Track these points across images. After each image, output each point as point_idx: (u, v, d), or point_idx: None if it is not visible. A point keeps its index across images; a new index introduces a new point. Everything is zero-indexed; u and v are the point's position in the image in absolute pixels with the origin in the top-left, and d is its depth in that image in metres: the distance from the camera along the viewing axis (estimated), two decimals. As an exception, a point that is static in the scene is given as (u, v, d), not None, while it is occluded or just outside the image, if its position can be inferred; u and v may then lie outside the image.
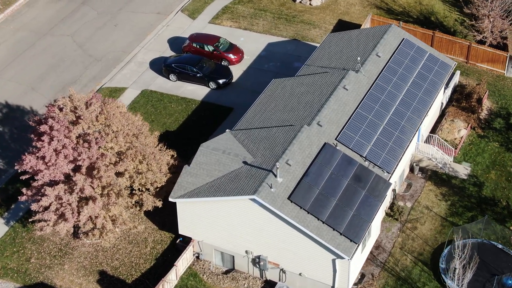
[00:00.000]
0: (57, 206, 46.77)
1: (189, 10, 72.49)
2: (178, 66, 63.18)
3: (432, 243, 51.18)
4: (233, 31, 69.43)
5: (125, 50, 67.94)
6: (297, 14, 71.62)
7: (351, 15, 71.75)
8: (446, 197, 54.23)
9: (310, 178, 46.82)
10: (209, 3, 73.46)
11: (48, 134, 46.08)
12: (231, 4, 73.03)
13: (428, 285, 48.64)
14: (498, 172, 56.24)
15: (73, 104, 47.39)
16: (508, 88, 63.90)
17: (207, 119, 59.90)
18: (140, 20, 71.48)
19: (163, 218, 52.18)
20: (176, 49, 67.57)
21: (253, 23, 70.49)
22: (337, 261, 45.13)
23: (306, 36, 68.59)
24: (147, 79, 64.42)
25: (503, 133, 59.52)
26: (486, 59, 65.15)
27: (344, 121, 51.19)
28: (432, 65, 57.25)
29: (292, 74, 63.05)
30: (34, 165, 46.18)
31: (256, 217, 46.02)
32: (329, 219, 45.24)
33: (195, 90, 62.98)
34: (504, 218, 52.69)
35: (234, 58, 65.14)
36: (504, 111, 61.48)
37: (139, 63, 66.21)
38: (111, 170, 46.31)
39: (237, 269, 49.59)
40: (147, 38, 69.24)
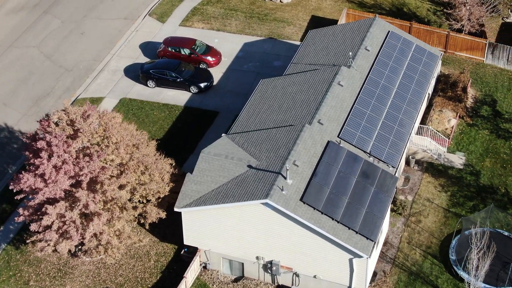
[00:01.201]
0: (59, 225, 45.74)
1: (157, 14, 71.80)
2: (156, 72, 62.50)
3: (438, 235, 51.81)
4: (206, 33, 69.05)
5: (96, 59, 66.90)
6: (269, 12, 71.66)
7: (323, 10, 72.14)
8: (446, 188, 54.97)
9: (319, 178, 46.89)
10: (176, 5, 72.92)
11: (46, 150, 45.02)
12: (199, 6, 72.63)
13: (441, 278, 49.22)
14: (493, 159, 57.28)
15: (68, 117, 46.40)
16: (489, 75, 65.15)
17: (193, 125, 59.43)
18: (107, 27, 70.48)
19: (163, 230, 51.56)
20: (150, 54, 66.85)
21: (225, 23, 70.24)
22: (354, 260, 45.29)
23: (281, 34, 68.67)
24: (123, 87, 63.56)
25: (491, 120, 60.66)
26: (465, 48, 66.29)
27: (344, 117, 51.43)
28: (420, 56, 57.99)
29: (273, 74, 63.18)
30: (32, 184, 45.06)
31: (268, 221, 45.85)
32: (343, 218, 45.38)
33: (176, 95, 62.41)
34: (505, 205, 53.68)
35: (213, 60, 64.80)
36: (489, 98, 62.66)
37: (113, 71, 65.27)
38: (115, 183, 45.53)
39: (247, 276, 49.34)
40: (117, 45, 68.32)
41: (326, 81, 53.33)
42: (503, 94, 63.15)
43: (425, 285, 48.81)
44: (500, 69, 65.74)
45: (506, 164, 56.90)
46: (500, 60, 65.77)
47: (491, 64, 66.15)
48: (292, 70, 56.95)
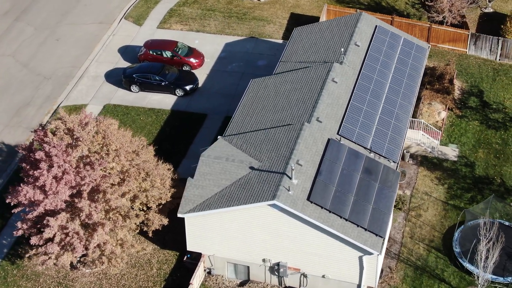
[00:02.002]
0: (62, 237, 45.17)
1: (133, 17, 71.28)
2: (140, 76, 62.05)
3: (439, 228, 52.38)
4: (185, 35, 68.78)
5: (75, 65, 66.17)
6: (247, 11, 71.66)
7: (302, 7, 72.40)
8: (442, 181, 55.60)
9: (324, 176, 47.05)
10: (152, 8, 72.50)
11: (45, 160, 44.40)
12: (176, 7, 72.32)
13: (447, 271, 49.77)
14: (485, 150, 58.10)
15: (66, 126, 45.82)
16: (473, 66, 66.07)
17: (182, 128, 59.15)
18: (83, 32, 69.75)
19: (162, 237, 51.21)
20: (130, 58, 66.34)
21: (204, 24, 70.06)
22: (364, 257, 45.53)
23: (262, 33, 68.74)
24: (106, 93, 62.97)
25: (480, 111, 61.53)
26: (447, 39, 67.12)
27: (341, 114, 51.69)
28: (409, 50, 58.56)
29: (258, 73, 63.25)
30: (31, 196, 44.41)
31: (275, 223, 45.86)
32: (351, 216, 45.60)
33: (161, 99, 62.05)
34: (503, 195, 54.48)
35: (196, 62, 64.58)
36: (476, 89, 63.53)
37: (93, 77, 64.62)
38: (117, 191, 45.12)
39: (252, 279, 49.28)
40: (95, 50, 67.66)
41: (319, 78, 53.51)
42: (489, 85, 64.10)
43: (432, 279, 49.30)
44: (483, 59, 66.69)
45: (499, 154, 57.76)
46: (483, 50, 66.73)
47: (474, 55, 67.10)
48: (282, 69, 57.02)
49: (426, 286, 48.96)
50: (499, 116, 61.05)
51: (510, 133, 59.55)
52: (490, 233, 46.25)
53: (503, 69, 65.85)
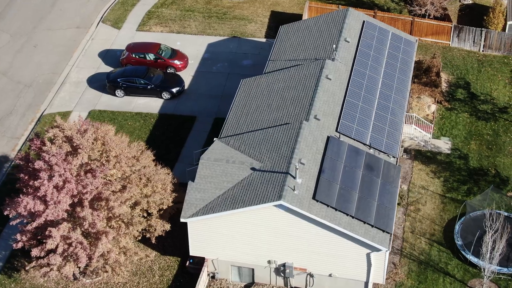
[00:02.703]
0: (64, 247, 44.67)
1: (111, 20, 70.74)
2: (124, 80, 61.60)
3: (439, 221, 52.90)
4: (166, 36, 68.48)
5: (55, 71, 65.47)
6: (227, 11, 71.59)
7: (282, 5, 72.54)
8: (438, 174, 56.16)
9: (327, 174, 47.22)
10: (129, 10, 72.02)
11: (45, 170, 43.87)
12: (154, 8, 71.95)
13: (450, 264, 50.29)
14: (477, 141, 58.82)
15: (63, 134, 45.32)
16: (458, 58, 66.85)
17: (172, 132, 58.88)
18: (60, 37, 69.03)
19: (161, 242, 50.89)
20: (111, 62, 65.82)
21: (184, 25, 69.82)
22: (372, 254, 45.79)
23: (244, 32, 68.73)
24: (90, 98, 62.39)
25: (469, 103, 62.28)
26: (430, 32, 67.81)
27: (338, 111, 51.92)
28: (398, 44, 59.04)
29: (244, 73, 63.30)
30: (32, 207, 43.85)
31: (280, 223, 45.87)
32: (357, 213, 45.83)
33: (147, 103, 61.69)
34: (498, 185, 55.20)
35: (180, 64, 64.33)
36: (462, 81, 64.30)
37: (75, 83, 64.01)
38: (120, 198, 44.77)
39: (257, 282, 49.26)
40: (74, 56, 67.03)
41: (313, 75, 53.66)
42: (475, 76, 64.90)
43: (436, 273, 49.77)
44: (467, 51, 67.52)
45: (491, 145, 58.51)
46: (466, 42, 67.55)
47: (457, 47, 67.89)
48: (272, 68, 57.07)
49: (431, 280, 49.38)
50: (488, 107, 61.84)
51: (500, 124, 60.37)
52: (496, 224, 46.74)
53: (487, 60, 66.72)
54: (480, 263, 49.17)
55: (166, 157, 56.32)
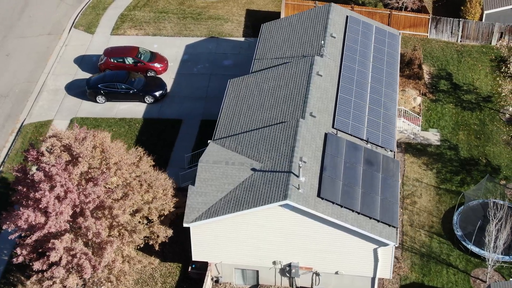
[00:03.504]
0: (68, 259, 44.06)
1: (83, 25, 69.94)
2: (105, 86, 60.96)
3: (436, 213, 53.48)
4: (142, 40, 67.97)
5: (31, 80, 64.51)
6: (202, 11, 71.35)
7: (256, 3, 72.57)
8: (430, 166, 56.77)
9: (329, 171, 47.40)
10: (101, 14, 71.30)
11: (44, 181, 43.22)
12: (126, 11, 71.35)
13: (452, 255, 50.89)
14: (465, 131, 59.62)
15: (61, 143, 44.69)
16: (437, 50, 67.66)
17: (159, 136, 58.47)
18: (32, 45, 68.02)
19: (161, 249, 50.41)
20: (88, 68, 65.07)
21: (159, 27, 69.38)
22: (379, 249, 46.10)
23: (222, 32, 68.59)
24: (70, 106, 61.63)
25: (452, 93, 63.10)
26: (408, 25, 68.49)
27: (332, 107, 52.14)
28: (382, 38, 59.52)
29: (226, 73, 63.27)
30: (33, 219, 43.16)
31: (286, 223, 45.91)
32: (363, 209, 46.09)
33: (130, 108, 61.17)
34: (490, 174, 55.99)
35: (161, 67, 63.92)
36: (444, 72, 65.10)
37: (53, 91, 63.15)
38: (123, 206, 44.35)
39: (262, 284, 49.21)
40: (49, 63, 66.13)
41: (303, 72, 53.78)
42: (456, 67, 65.75)
43: (439, 264, 50.32)
44: (445, 42, 68.36)
45: (479, 135, 59.35)
46: (444, 33, 68.38)
47: (435, 39, 68.69)
48: (259, 67, 57.05)
49: (434, 272, 49.92)
50: (472, 97, 62.71)
51: (486, 113, 61.26)
52: (500, 213, 47.43)
53: (466, 50, 67.63)
54: (482, 252, 49.86)
55: (156, 162, 55.69)
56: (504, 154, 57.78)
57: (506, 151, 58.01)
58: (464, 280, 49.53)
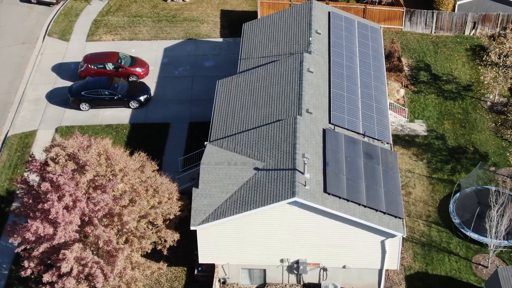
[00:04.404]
0: (79, 269, 43.60)
1: (57, 33, 69.10)
2: (89, 93, 60.36)
3: (432, 203, 54.27)
4: (118, 45, 67.45)
5: (10, 91, 63.55)
6: (176, 13, 71.12)
7: (230, 3, 72.61)
8: (420, 157, 57.56)
9: (332, 166, 47.75)
10: (74, 21, 70.53)
11: (51, 191, 42.70)
12: (99, 17, 70.70)
13: (452, 243, 51.72)
14: (450, 121, 60.59)
15: (66, 152, 44.18)
16: (413, 42, 68.59)
17: (148, 141, 58.11)
18: (7, 54, 67.00)
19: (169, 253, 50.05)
20: (67, 76, 64.33)
21: (135, 31, 68.95)
22: (387, 241, 46.60)
23: (199, 34, 68.47)
24: (53, 115, 60.86)
25: (433, 84, 64.05)
26: (383, 18, 69.25)
27: (326, 103, 52.50)
28: (365, 32, 60.14)
29: (208, 74, 63.30)
30: (42, 231, 42.62)
31: (294, 220, 46.11)
32: (368, 202, 46.54)
33: (115, 114, 60.69)
34: (479, 162, 57.01)
35: (142, 71, 63.54)
36: (422, 63, 66.03)
37: (34, 101, 62.30)
38: (132, 212, 44.08)
39: (269, 282, 49.32)
40: (26, 72, 65.20)
41: (294, 70, 54.00)
42: (433, 58, 66.73)
43: (441, 253, 51.08)
44: (420, 34, 69.32)
45: (464, 123, 60.37)
46: (418, 25, 69.33)
47: (410, 31, 69.61)
48: (246, 66, 57.11)
49: (437, 260, 50.65)
50: (452, 87, 63.72)
51: (468, 102, 62.32)
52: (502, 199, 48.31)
53: (440, 41, 68.68)
54: (481, 238, 50.77)
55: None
56: (490, 141, 58.85)
57: (491, 138, 59.09)
58: (466, 266, 50.36)
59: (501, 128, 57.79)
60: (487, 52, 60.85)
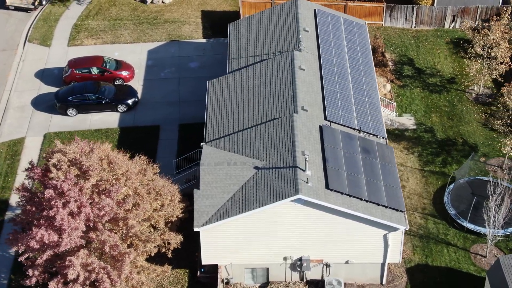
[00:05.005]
0: (85, 275, 43.25)
1: (37, 39, 68.38)
2: (76, 98, 59.84)
3: (426, 195, 54.77)
4: (101, 49, 66.96)
5: (-7, 99, 62.78)
6: (156, 15, 70.82)
7: (210, 4, 72.51)
8: (411, 150, 58.06)
9: (331, 163, 47.95)
10: (54, 26, 69.84)
11: (55, 198, 42.31)
12: (79, 21, 70.12)
13: (449, 234, 52.26)
14: (437, 114, 61.20)
15: (66, 157, 43.78)
16: (394, 37, 69.15)
17: (139, 144, 57.71)
18: (-12, 62, 66.23)
19: (165, 256, 49.88)
20: (51, 82, 63.66)
21: (117, 34, 68.50)
22: (389, 235, 46.92)
23: (182, 35, 68.28)
24: (40, 121, 60.24)
25: (418, 78, 64.65)
26: (363, 14, 69.68)
27: (320, 100, 52.71)
28: (351, 28, 60.48)
29: (194, 76, 63.24)
30: (47, 239, 42.20)
31: (297, 218, 46.20)
32: (370, 197, 46.82)
33: (103, 118, 60.26)
34: (469, 153, 57.67)
35: (128, 74, 63.18)
36: (405, 58, 66.61)
37: (20, 108, 61.60)
38: (137, 216, 43.85)
39: (272, 280, 49.35)
40: (9, 79, 64.42)
41: (286, 68, 54.10)
42: (415, 52, 67.35)
43: (439, 244, 51.57)
44: (400, 29, 69.92)
45: (451, 115, 61.02)
46: (398, 20, 69.93)
47: (391, 26, 70.18)
48: (235, 66, 57.06)
49: (436, 252, 51.13)
50: (436, 80, 64.37)
51: (453, 94, 63.01)
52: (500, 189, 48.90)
53: (421, 35, 69.33)
54: (477, 228, 51.38)
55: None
56: (478, 132, 59.55)
57: (479, 129, 59.81)
58: (465, 257, 50.90)
59: (491, 119, 58.43)
60: (472, 45, 61.49)
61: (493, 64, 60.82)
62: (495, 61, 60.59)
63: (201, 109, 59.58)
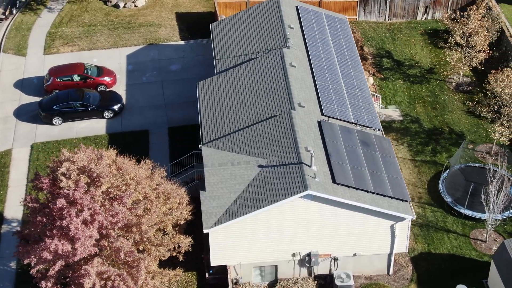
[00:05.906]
0: (101, 284, 42.77)
1: (12, 48, 67.23)
2: (61, 107, 59.02)
3: (420, 184, 55.47)
4: (78, 55, 66.17)
5: (-26, 111, 61.55)
6: (131, 20, 70.27)
7: (183, 5, 72.24)
8: (400, 141, 58.73)
9: (335, 157, 48.24)
10: (27, 35, 68.74)
11: (67, 207, 41.76)
12: (53, 29, 69.15)
13: (448, 221, 53.03)
14: (421, 104, 62.03)
15: (75, 165, 43.21)
16: (369, 31, 69.84)
17: (130, 150, 56.49)
18: (-37, 75, 64.86)
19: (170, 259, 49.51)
20: (32, 91, 62.62)
21: (93, 41, 67.75)
22: (396, 225, 47.41)
23: (159, 38, 67.87)
24: (25, 132, 59.27)
25: (398, 70, 65.43)
26: (338, 9, 70.19)
27: (314, 96, 52.97)
28: (334, 24, 60.91)
29: (177, 78, 63.01)
30: (61, 249, 41.61)
31: (305, 213, 46.37)
32: (375, 188, 47.24)
33: (90, 125, 59.55)
34: (457, 141, 58.61)
35: (110, 80, 62.53)
36: (383, 51, 67.34)
37: (2, 119, 60.48)
38: (150, 221, 43.53)
39: (280, 278, 49.43)
40: (-13, 91, 63.28)
41: (277, 65, 54.21)
42: (392, 45, 68.14)
43: (439, 232, 52.29)
44: (374, 22, 70.67)
45: (435, 105, 61.91)
46: (372, 14, 70.66)
47: (365, 20, 70.87)
48: (223, 66, 56.97)
49: (437, 240, 51.81)
50: (416, 71, 65.23)
51: (433, 84, 63.94)
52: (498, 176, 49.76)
53: (395, 28, 70.18)
54: (475, 214, 52.25)
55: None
56: (462, 120, 60.52)
57: (463, 117, 60.81)
58: (465, 242, 51.69)
59: (477, 106, 59.41)
60: (451, 34, 62.43)
61: (472, 52, 61.81)
62: (474, 49, 61.59)
63: (188, 111, 59.46)
